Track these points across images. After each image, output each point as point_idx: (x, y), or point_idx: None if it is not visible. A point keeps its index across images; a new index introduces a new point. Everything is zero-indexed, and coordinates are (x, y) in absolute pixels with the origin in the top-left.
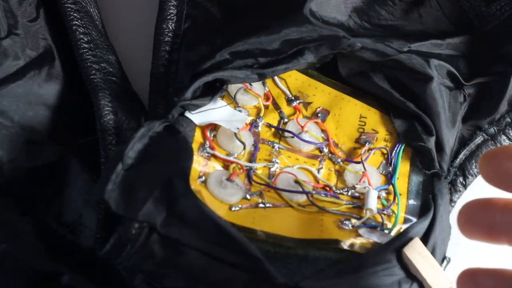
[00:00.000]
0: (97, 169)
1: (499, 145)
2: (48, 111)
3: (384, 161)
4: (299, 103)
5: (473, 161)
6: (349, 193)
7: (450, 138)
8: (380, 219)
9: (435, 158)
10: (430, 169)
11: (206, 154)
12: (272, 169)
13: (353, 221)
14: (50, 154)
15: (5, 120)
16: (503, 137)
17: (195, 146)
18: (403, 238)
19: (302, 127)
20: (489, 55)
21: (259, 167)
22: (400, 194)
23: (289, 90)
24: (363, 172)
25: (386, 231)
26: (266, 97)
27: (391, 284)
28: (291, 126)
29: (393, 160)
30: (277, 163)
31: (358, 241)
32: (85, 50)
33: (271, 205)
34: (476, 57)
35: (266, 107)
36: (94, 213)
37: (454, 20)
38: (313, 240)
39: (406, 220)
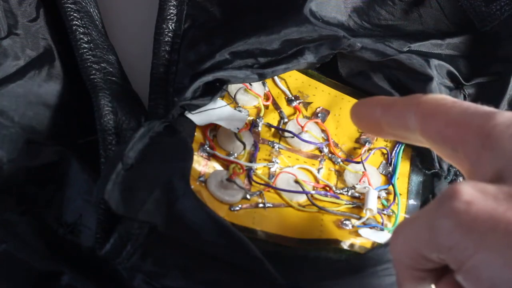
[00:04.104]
0: (97, 169)
1: None
2: (48, 111)
3: (384, 161)
4: (299, 103)
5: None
6: (349, 193)
7: None
8: (380, 219)
9: (435, 158)
10: (430, 169)
11: (206, 154)
12: (272, 169)
13: (353, 221)
14: (50, 154)
15: (5, 120)
16: None
17: (195, 146)
18: None
19: (302, 127)
20: (489, 55)
21: (259, 167)
22: (400, 194)
23: (289, 90)
24: (363, 172)
25: (386, 231)
26: (266, 97)
27: (391, 284)
28: (291, 126)
29: (393, 160)
30: (277, 163)
31: (358, 241)
32: (85, 50)
33: (271, 205)
34: (476, 57)
35: (266, 107)
36: (94, 213)
37: (454, 20)
38: (313, 240)
39: None
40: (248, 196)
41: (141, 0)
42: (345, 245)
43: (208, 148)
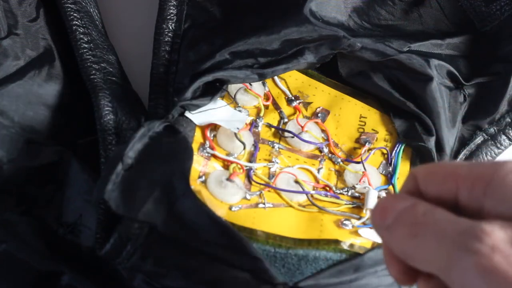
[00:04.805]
0: (97, 169)
1: (499, 145)
2: (48, 111)
3: (384, 161)
4: (299, 103)
5: (473, 161)
6: (349, 193)
7: (450, 138)
8: None
9: (435, 158)
10: None
11: (206, 154)
12: (272, 169)
13: (353, 221)
14: (50, 154)
15: (5, 120)
16: (503, 137)
17: (195, 146)
18: None
19: (302, 127)
20: (489, 55)
21: (259, 167)
22: None
23: (289, 90)
24: (363, 172)
25: None
26: (266, 97)
27: (391, 284)
28: (291, 126)
29: (393, 160)
30: (277, 163)
31: (358, 241)
32: (85, 50)
33: (271, 205)
34: (476, 57)
35: (266, 107)
36: (94, 213)
37: (454, 20)
38: (313, 240)
39: None
40: (248, 196)
41: (141, 0)
42: (345, 245)
43: (208, 148)
